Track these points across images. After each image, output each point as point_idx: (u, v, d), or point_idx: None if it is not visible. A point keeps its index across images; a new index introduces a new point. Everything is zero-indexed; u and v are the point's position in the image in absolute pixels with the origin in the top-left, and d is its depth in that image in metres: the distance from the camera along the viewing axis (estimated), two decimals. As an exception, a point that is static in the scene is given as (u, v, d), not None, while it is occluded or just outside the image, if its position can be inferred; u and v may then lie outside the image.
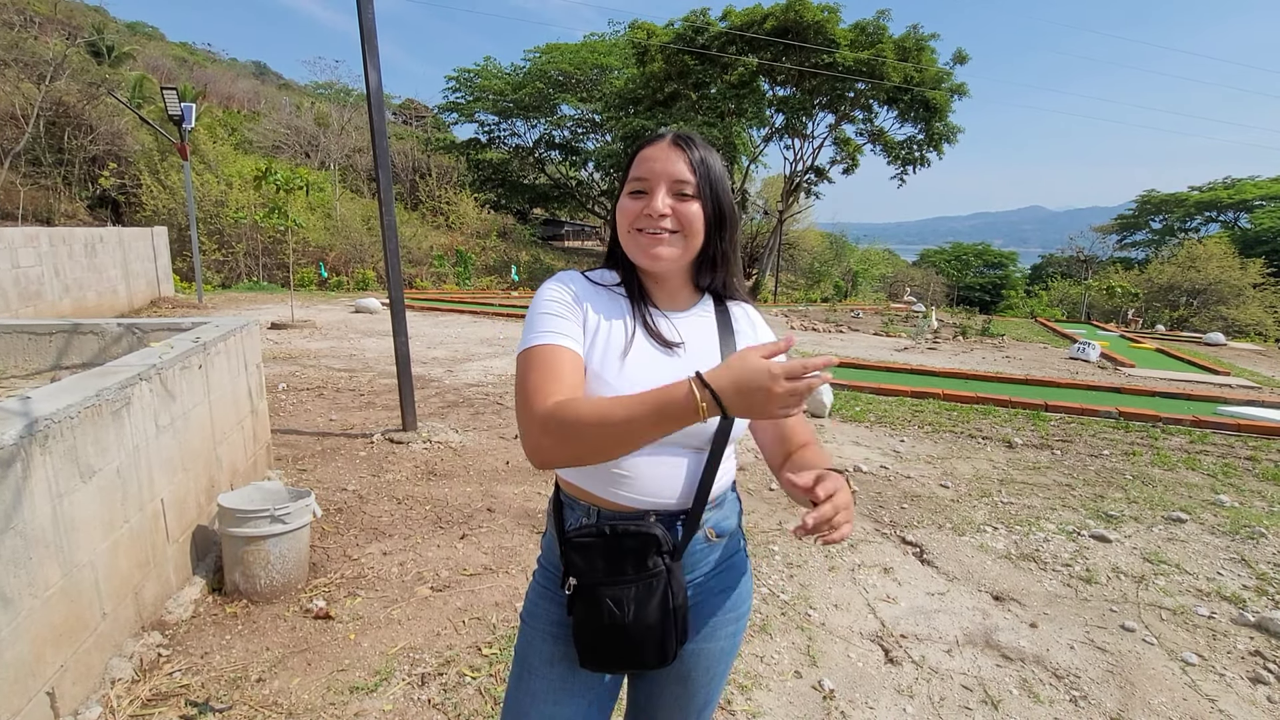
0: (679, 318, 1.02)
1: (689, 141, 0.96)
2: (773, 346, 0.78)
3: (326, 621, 2.40)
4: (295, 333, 8.50)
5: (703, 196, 0.95)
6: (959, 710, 2.11)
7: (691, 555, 1.00)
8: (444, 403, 5.49)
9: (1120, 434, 5.34)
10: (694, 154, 0.95)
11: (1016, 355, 9.95)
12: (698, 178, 0.94)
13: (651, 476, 0.95)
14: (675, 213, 0.93)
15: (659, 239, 0.94)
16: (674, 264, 0.97)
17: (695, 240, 0.96)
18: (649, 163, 0.95)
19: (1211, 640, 2.54)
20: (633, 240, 0.96)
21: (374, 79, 3.84)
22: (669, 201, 0.93)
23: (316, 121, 25.54)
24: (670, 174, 0.94)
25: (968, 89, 22.44)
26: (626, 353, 0.95)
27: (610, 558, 0.93)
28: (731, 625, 1.06)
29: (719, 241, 1.00)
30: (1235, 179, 39.39)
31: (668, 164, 0.94)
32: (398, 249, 4.12)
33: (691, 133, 0.98)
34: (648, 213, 0.93)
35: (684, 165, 0.94)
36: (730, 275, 1.05)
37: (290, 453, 4.09)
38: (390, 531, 3.14)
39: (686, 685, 1.06)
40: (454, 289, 16.95)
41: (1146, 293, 25.10)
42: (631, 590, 0.91)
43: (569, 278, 1.03)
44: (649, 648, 0.93)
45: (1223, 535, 3.46)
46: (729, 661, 1.09)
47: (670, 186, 0.93)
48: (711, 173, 0.96)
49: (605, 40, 28.29)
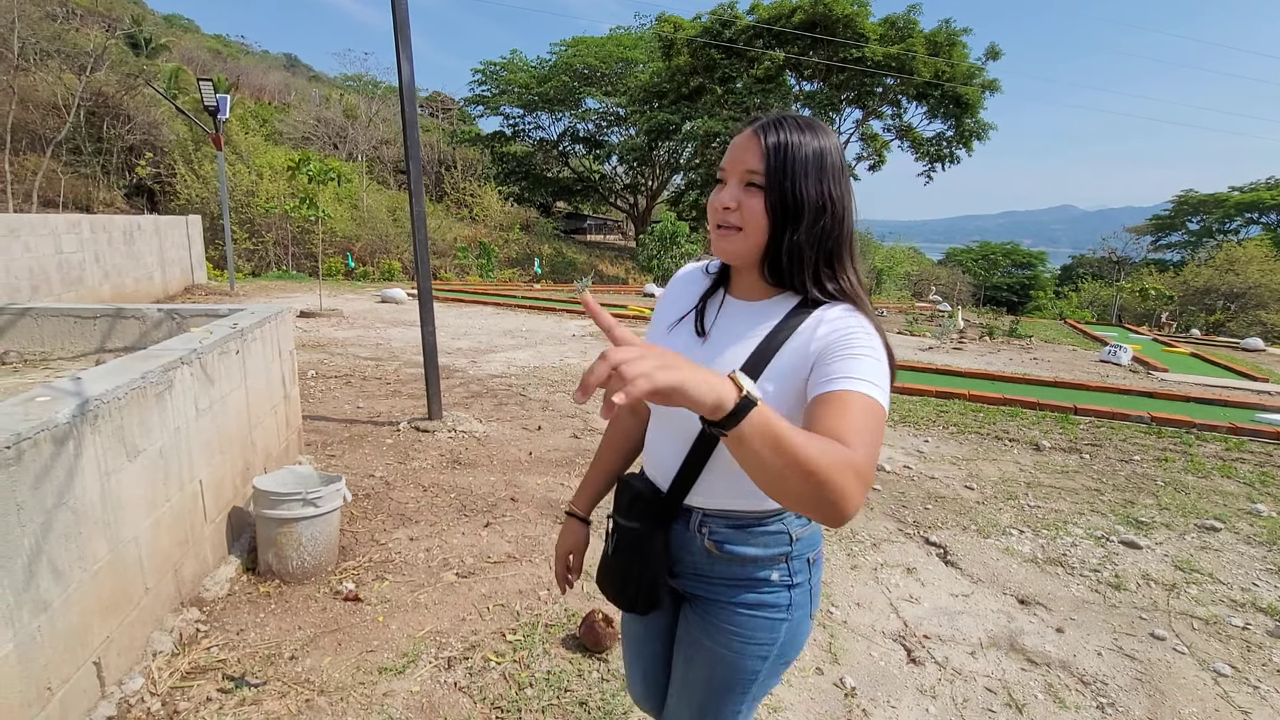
0: (743, 307, 1.00)
1: (772, 126, 0.90)
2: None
3: (356, 603, 2.46)
4: (323, 321, 8.66)
5: (770, 187, 0.88)
6: (982, 712, 2.09)
7: (690, 553, 1.04)
8: (468, 393, 5.55)
9: (1152, 439, 5.22)
10: (770, 140, 0.88)
11: (1044, 357, 9.76)
12: (767, 167, 0.88)
13: (658, 451, 1.06)
14: (740, 205, 0.90)
15: (724, 233, 0.93)
16: (739, 259, 0.95)
17: (756, 236, 0.91)
18: (730, 151, 0.93)
19: (1245, 652, 2.48)
20: (712, 234, 0.96)
21: (407, 71, 3.89)
22: (737, 193, 0.90)
23: (345, 113, 25.86)
24: (742, 163, 0.90)
25: (1000, 85, 22.01)
26: (671, 329, 1.05)
27: (620, 498, 1.11)
28: (739, 644, 1.02)
29: (788, 236, 0.90)
30: (1279, 179, 38.06)
31: (743, 152, 0.90)
32: (426, 239, 4.17)
33: (787, 115, 0.91)
34: (716, 204, 0.92)
35: (755, 154, 0.89)
36: (809, 275, 0.93)
37: (319, 438, 4.18)
38: (416, 518, 3.20)
39: (689, 669, 1.08)
40: (477, 281, 17.10)
41: (1181, 295, 24.43)
42: (619, 531, 1.09)
43: (681, 270, 1.15)
44: (613, 583, 1.11)
45: (1259, 545, 3.37)
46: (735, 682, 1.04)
47: (741, 177, 0.90)
48: (790, 160, 0.88)
49: (631, 34, 28.22)
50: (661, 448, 1.04)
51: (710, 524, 1.01)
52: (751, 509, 1.01)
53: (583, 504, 1.25)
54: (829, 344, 0.87)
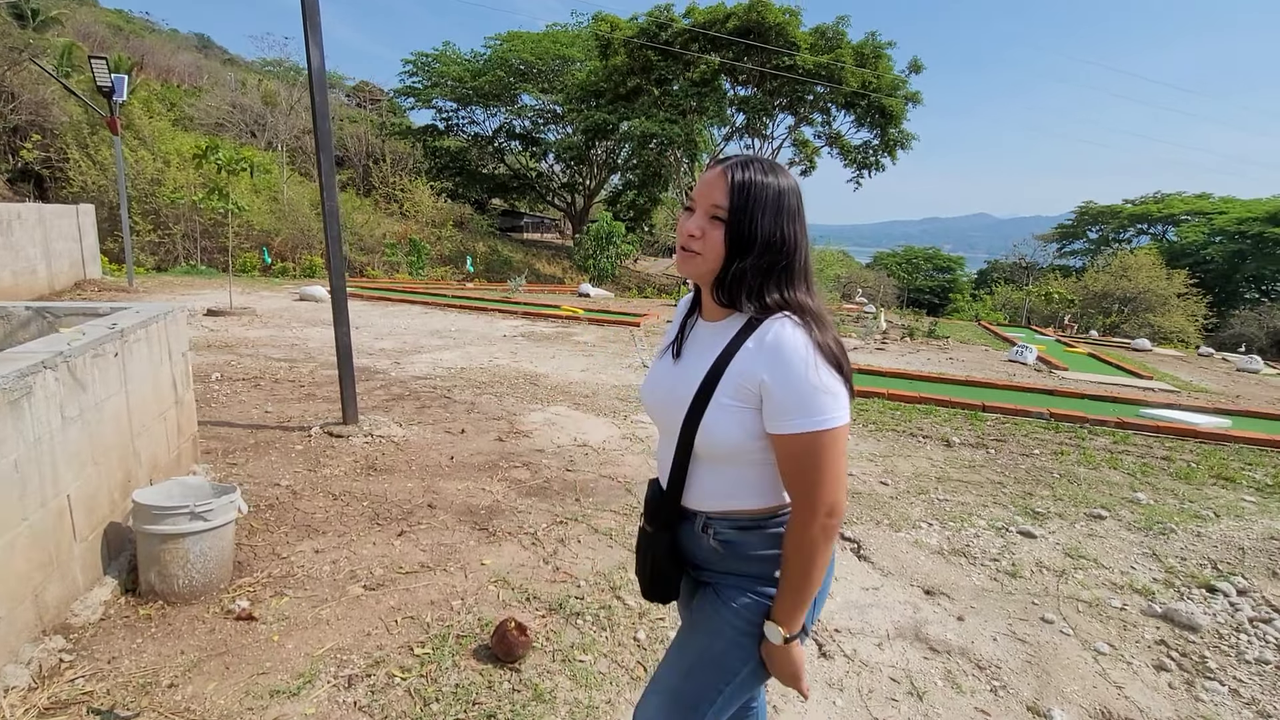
0: (707, 327, 1.13)
1: (740, 167, 1.01)
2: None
3: (249, 623, 2.30)
4: (233, 320, 8.14)
5: (730, 221, 1.00)
6: (886, 702, 2.16)
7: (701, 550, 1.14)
8: (389, 395, 5.34)
9: (1050, 434, 5.59)
10: (736, 179, 1.00)
11: (959, 357, 10.31)
12: (731, 204, 0.99)
13: (659, 459, 1.20)
14: (704, 235, 1.02)
15: (686, 255, 1.05)
16: (698, 279, 1.09)
17: (712, 261, 1.03)
18: (700, 185, 1.04)
19: (1122, 630, 2.68)
20: (677, 253, 1.09)
21: (316, 58, 3.69)
22: (702, 223, 1.02)
23: (264, 100, 24.46)
24: (709, 197, 1.02)
25: (922, 97, 23.11)
26: (663, 353, 1.21)
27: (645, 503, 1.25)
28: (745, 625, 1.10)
29: (736, 264, 1.02)
30: (1164, 194, 41.76)
31: (711, 188, 1.02)
32: (339, 235, 3.98)
33: (755, 158, 1.03)
34: (682, 230, 1.05)
35: (722, 190, 1.00)
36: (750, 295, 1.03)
37: (221, 446, 3.91)
38: (324, 529, 3.04)
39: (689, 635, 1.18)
40: (406, 279, 16.54)
41: (1082, 299, 26.40)
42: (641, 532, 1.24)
43: (682, 300, 1.27)
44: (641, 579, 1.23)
45: (1138, 531, 3.66)
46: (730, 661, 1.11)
47: (707, 209, 1.02)
48: (753, 199, 0.99)
49: (568, 31, 28.01)
50: (662, 458, 1.17)
51: (714, 526, 1.10)
52: (749, 509, 1.08)
53: None
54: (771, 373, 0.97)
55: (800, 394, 0.95)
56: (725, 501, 1.09)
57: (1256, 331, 27.80)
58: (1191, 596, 2.94)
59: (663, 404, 1.14)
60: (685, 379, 1.08)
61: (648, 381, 1.23)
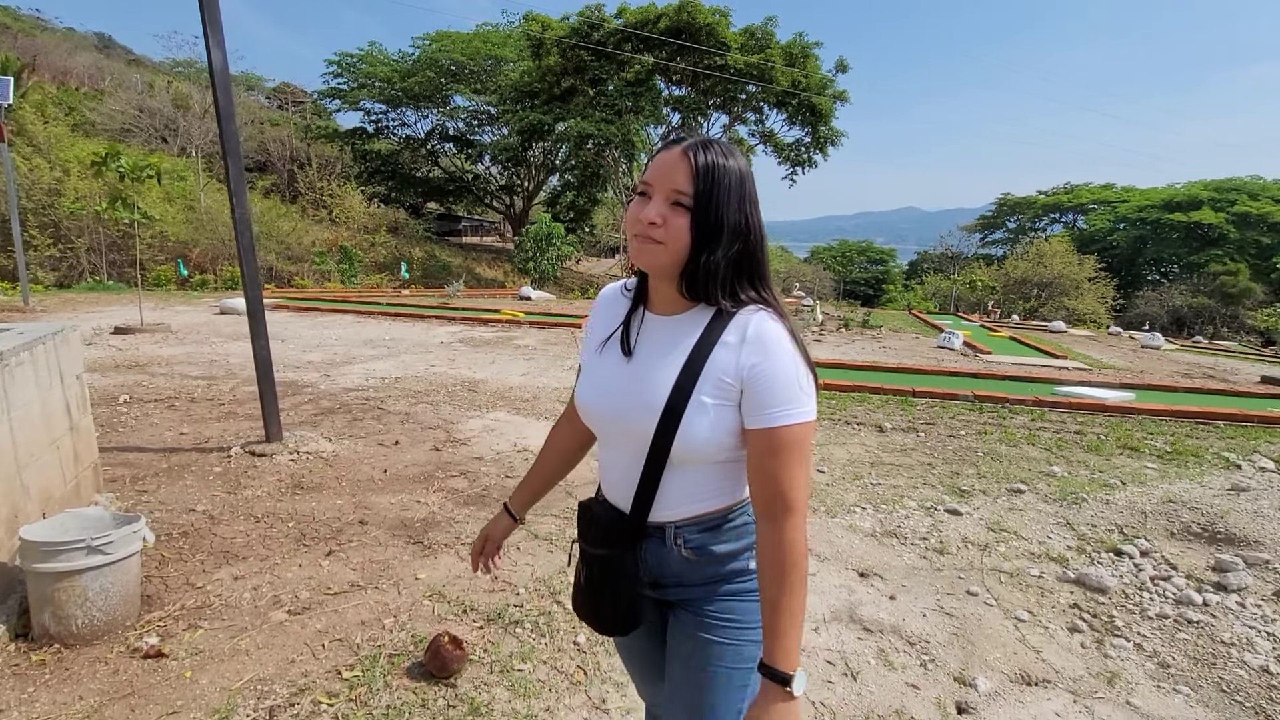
0: (663, 322, 1.03)
1: (700, 149, 0.92)
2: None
3: (159, 660, 2.15)
4: (145, 338, 7.64)
5: (697, 209, 0.91)
6: (822, 685, 2.21)
7: (669, 564, 1.05)
8: (317, 410, 5.12)
9: (975, 415, 5.87)
10: (700, 162, 0.91)
11: (892, 345, 10.71)
12: (696, 189, 0.91)
13: (610, 474, 1.08)
14: (666, 223, 0.92)
15: (646, 245, 0.94)
16: (658, 271, 0.97)
17: (677, 252, 0.93)
18: (655, 168, 0.95)
19: (1040, 597, 2.83)
20: (630, 244, 0.98)
21: (218, 58, 3.49)
22: (663, 210, 0.92)
23: (175, 103, 23.08)
24: (670, 182, 0.92)
25: (849, 96, 23.91)
26: (600, 351, 1.08)
27: (583, 526, 1.11)
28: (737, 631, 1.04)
29: (706, 255, 0.93)
30: (1074, 185, 44.64)
31: (672, 170, 0.92)
32: (253, 243, 3.78)
33: (714, 140, 0.95)
34: (641, 218, 0.93)
35: (686, 175, 0.91)
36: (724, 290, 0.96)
37: (129, 473, 3.65)
38: (245, 554, 2.87)
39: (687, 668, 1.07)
40: (338, 288, 15.93)
41: (1003, 286, 27.91)
42: (588, 560, 1.10)
43: (603, 291, 1.17)
44: (592, 612, 1.11)
45: (1053, 503, 3.88)
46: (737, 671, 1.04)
47: (668, 195, 0.92)
48: (718, 184, 0.91)
49: (499, 31, 27.60)
50: (616, 472, 1.06)
51: (684, 534, 1.03)
52: (716, 508, 1.04)
53: (518, 504, 1.30)
54: (754, 365, 0.92)
55: (788, 387, 0.91)
56: (695, 506, 1.02)
57: (1159, 310, 30.10)
58: (1101, 561, 3.14)
59: (619, 409, 1.01)
60: (649, 379, 0.98)
61: (590, 386, 1.07)
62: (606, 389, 1.04)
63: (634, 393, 0.99)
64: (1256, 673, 2.32)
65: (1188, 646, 2.48)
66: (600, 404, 1.05)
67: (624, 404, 1.01)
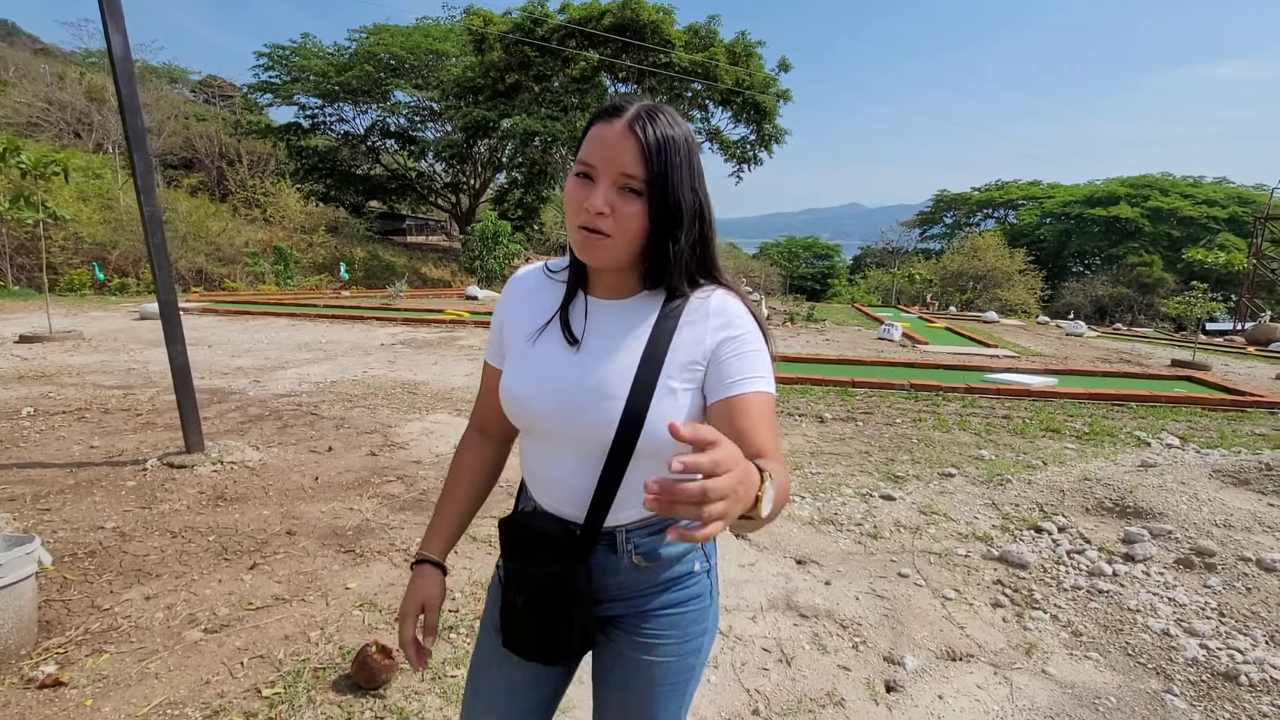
0: (612, 307, 0.93)
1: (647, 120, 0.81)
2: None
3: (56, 690, 2.00)
4: (54, 346, 7.13)
5: (652, 193, 0.82)
6: (757, 672, 2.24)
7: (616, 574, 0.96)
8: (245, 417, 4.88)
9: (911, 403, 6.07)
10: (651, 139, 0.80)
11: (835, 338, 10.99)
12: (649, 171, 0.81)
13: (552, 480, 0.95)
14: (615, 211, 0.82)
15: (593, 239, 0.83)
16: (609, 265, 0.87)
17: (630, 243, 0.84)
18: (597, 146, 0.82)
19: (966, 575, 2.94)
20: (574, 234, 0.85)
21: (119, 44, 3.27)
22: (611, 196, 0.82)
23: (88, 96, 21.63)
24: (616, 164, 0.81)
25: (791, 94, 24.38)
26: (534, 341, 0.95)
27: (518, 546, 0.96)
28: (677, 645, 0.98)
29: (671, 245, 0.85)
30: (1004, 181, 46.80)
31: (618, 151, 0.81)
32: (164, 243, 3.56)
33: (658, 108, 0.84)
34: (587, 206, 0.81)
35: (635, 155, 0.80)
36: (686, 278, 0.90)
37: (29, 491, 3.40)
38: (158, 571, 2.71)
39: (626, 693, 1.00)
40: (273, 290, 15.27)
41: (941, 279, 29.02)
42: (529, 581, 0.94)
43: (517, 276, 1.03)
44: (539, 641, 0.95)
45: (981, 484, 4.04)
46: (679, 681, 1.00)
47: (614, 179, 0.81)
48: (670, 162, 0.82)
49: (440, 24, 26.91)
50: (563, 476, 0.93)
51: (634, 538, 0.94)
52: None
53: (438, 547, 1.05)
54: (725, 341, 0.87)
55: (759, 356, 0.88)
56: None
57: (1083, 300, 31.88)
58: (1022, 538, 3.29)
59: (572, 404, 0.89)
60: (607, 369, 0.89)
61: (527, 381, 0.93)
62: (552, 383, 0.91)
63: (590, 385, 0.89)
64: (1158, 635, 2.48)
65: (1098, 615, 2.62)
66: (544, 400, 0.91)
67: (578, 398, 0.89)
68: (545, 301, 0.97)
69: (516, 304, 1.00)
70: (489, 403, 1.06)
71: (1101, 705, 2.11)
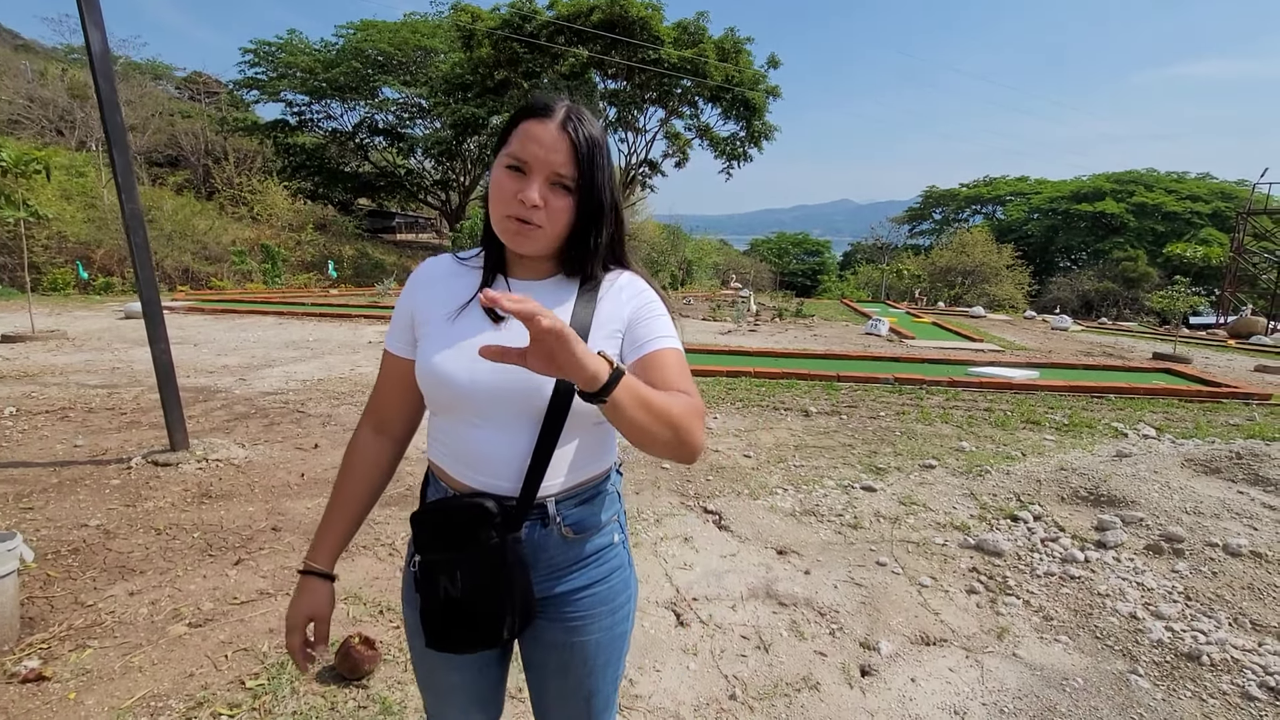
0: (533, 287, 0.98)
1: (577, 122, 0.89)
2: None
3: (39, 684, 2.01)
4: (36, 346, 7.08)
5: (580, 191, 0.90)
6: (736, 659, 2.28)
7: (545, 550, 0.98)
8: (231, 415, 4.88)
9: (895, 397, 6.14)
10: (581, 140, 0.88)
11: (823, 333, 11.07)
12: (579, 171, 0.89)
13: (483, 456, 0.95)
14: (546, 205, 0.88)
15: (526, 229, 0.89)
16: (537, 254, 0.95)
17: (557, 234, 0.92)
18: (531, 144, 0.88)
19: (943, 564, 3.00)
20: (504, 224, 0.91)
21: (97, 40, 3.26)
22: (545, 191, 0.88)
23: (70, 93, 21.38)
24: (550, 163, 0.88)
25: (781, 91, 24.42)
26: (454, 320, 0.96)
27: (444, 531, 0.94)
28: (606, 618, 1.03)
29: (593, 237, 0.94)
30: (992, 178, 47.10)
31: (551, 151, 0.87)
32: (146, 241, 3.56)
33: (581, 109, 0.91)
34: (521, 199, 0.87)
35: (567, 155, 0.88)
36: (600, 265, 0.98)
37: (11, 490, 3.39)
38: (142, 568, 2.72)
39: (567, 678, 1.04)
40: (260, 288, 15.18)
41: (930, 274, 29.20)
42: (464, 563, 0.92)
43: (426, 264, 1.06)
44: (483, 622, 0.93)
45: (960, 475, 4.11)
46: (614, 651, 1.06)
47: (547, 176, 0.88)
48: (596, 161, 0.90)
49: (428, 20, 26.76)
50: (494, 451, 0.94)
51: (563, 509, 0.98)
52: (595, 475, 1.01)
53: (326, 557, 1.04)
54: (636, 310, 0.96)
55: (663, 321, 0.96)
56: (576, 475, 0.98)
57: (1070, 295, 32.15)
58: (999, 527, 3.36)
59: (503, 379, 0.90)
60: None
61: (452, 359, 0.93)
62: (479, 360, 0.87)
63: None
64: (1126, 619, 2.54)
65: (1069, 600, 2.69)
66: (473, 376, 0.92)
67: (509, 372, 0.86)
68: (459, 286, 1.00)
69: (428, 290, 1.02)
70: (389, 396, 1.05)
71: (1069, 686, 2.17)
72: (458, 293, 1.00)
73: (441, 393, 0.95)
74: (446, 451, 0.99)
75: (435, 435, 1.02)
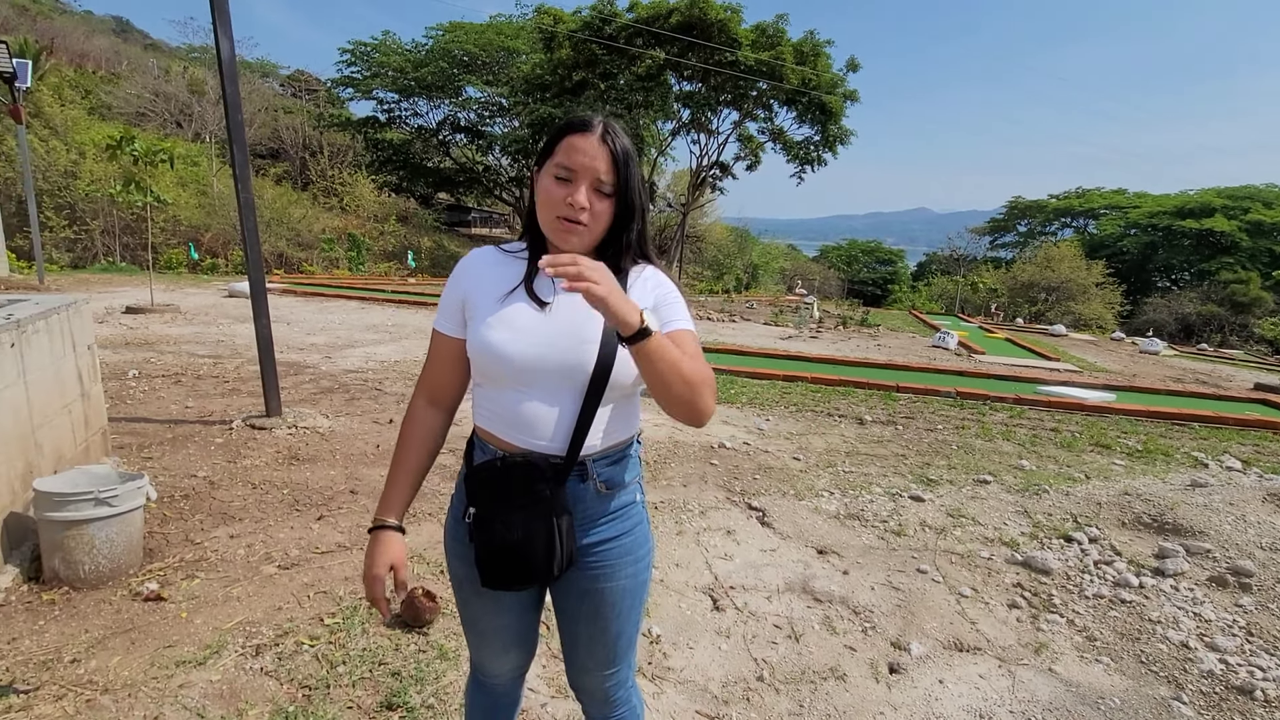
0: None
1: (613, 135, 1.04)
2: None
3: (158, 603, 2.35)
4: (154, 317, 7.88)
5: (617, 194, 1.05)
6: (766, 645, 2.39)
7: (583, 502, 1.13)
8: (317, 389, 5.33)
9: (955, 411, 6.00)
10: (619, 151, 1.04)
11: (887, 343, 10.83)
12: (618, 178, 1.04)
13: (534, 421, 1.07)
14: (590, 207, 1.03)
15: (574, 229, 1.05)
16: (581, 250, 1.08)
17: (598, 233, 1.07)
18: (577, 154, 1.02)
19: (986, 576, 2.99)
20: (553, 224, 1.07)
21: (226, 48, 3.68)
22: (590, 195, 1.03)
23: (190, 89, 23.38)
24: (594, 170, 1.02)
25: (859, 95, 23.87)
26: (502, 303, 1.09)
27: (504, 486, 1.08)
28: (630, 566, 1.18)
29: (624, 235, 1.10)
30: (1085, 189, 44.27)
31: (594, 160, 1.02)
32: (256, 227, 3.97)
33: (616, 125, 1.06)
34: (570, 202, 1.02)
35: (607, 164, 1.03)
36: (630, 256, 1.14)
37: (135, 441, 3.87)
38: (241, 515, 3.08)
39: (597, 621, 1.20)
40: (345, 274, 16.18)
41: (1010, 289, 27.83)
42: (521, 514, 1.07)
43: (472, 255, 1.19)
44: (538, 562, 1.08)
45: (1016, 493, 4.02)
46: (637, 597, 1.22)
47: (592, 183, 1.03)
48: (630, 169, 1.05)
49: (512, 22, 27.66)
50: (543, 416, 1.07)
51: (597, 468, 1.12)
52: (624, 439, 1.16)
53: (397, 512, 1.18)
54: (659, 297, 1.12)
55: (680, 307, 1.12)
56: (610, 438, 1.12)
57: (1167, 317, 29.92)
58: (1050, 546, 3.29)
59: (555, 352, 1.05)
60: (580, 323, 1.06)
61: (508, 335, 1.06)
62: (534, 334, 1.06)
63: (568, 334, 1.06)
64: (1176, 647, 2.48)
65: (1116, 622, 2.64)
66: (528, 350, 1.05)
67: (560, 343, 1.06)
68: (506, 273, 1.14)
69: (477, 276, 1.15)
70: (440, 371, 1.18)
71: (1104, 705, 2.16)
72: (506, 278, 1.14)
73: (494, 366, 1.08)
74: (495, 417, 1.11)
75: (482, 403, 1.14)
